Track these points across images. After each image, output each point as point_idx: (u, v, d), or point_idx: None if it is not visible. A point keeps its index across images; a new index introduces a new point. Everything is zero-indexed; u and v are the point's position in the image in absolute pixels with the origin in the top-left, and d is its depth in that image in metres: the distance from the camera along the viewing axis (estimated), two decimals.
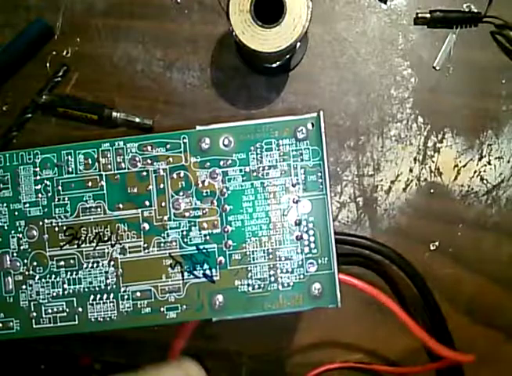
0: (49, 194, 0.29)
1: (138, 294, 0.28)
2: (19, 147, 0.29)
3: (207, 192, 0.28)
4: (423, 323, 0.35)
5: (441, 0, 0.36)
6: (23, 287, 0.29)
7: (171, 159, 0.29)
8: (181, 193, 0.29)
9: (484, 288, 0.36)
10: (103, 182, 0.29)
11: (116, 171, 0.29)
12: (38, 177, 0.29)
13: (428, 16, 0.35)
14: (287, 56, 0.33)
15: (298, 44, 0.31)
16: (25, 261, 0.29)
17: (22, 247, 0.29)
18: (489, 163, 0.36)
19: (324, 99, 0.36)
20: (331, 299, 0.28)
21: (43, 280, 0.29)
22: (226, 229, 0.28)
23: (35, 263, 0.29)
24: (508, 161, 0.36)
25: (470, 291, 0.36)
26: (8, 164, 0.29)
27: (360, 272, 0.35)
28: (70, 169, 0.29)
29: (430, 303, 0.34)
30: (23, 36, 0.36)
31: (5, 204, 0.29)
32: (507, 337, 0.36)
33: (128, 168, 0.29)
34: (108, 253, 0.28)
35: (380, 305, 0.36)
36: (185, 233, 0.28)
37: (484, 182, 0.36)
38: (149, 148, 0.29)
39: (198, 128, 0.29)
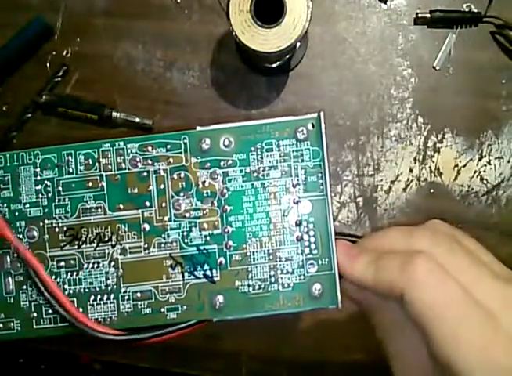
0: (50, 195, 0.29)
1: (139, 294, 0.28)
2: (19, 147, 0.29)
3: (207, 192, 0.28)
4: None
5: (441, 0, 0.36)
6: (24, 287, 0.29)
7: (171, 159, 0.28)
8: (181, 194, 0.28)
9: None
10: (104, 183, 0.29)
11: (116, 172, 0.29)
12: (39, 177, 0.29)
13: (428, 16, 0.35)
14: (287, 56, 0.33)
15: (298, 44, 0.31)
16: None
17: None
18: (489, 163, 0.36)
19: (324, 99, 0.36)
20: (331, 300, 0.27)
21: None
22: (227, 230, 0.28)
23: None
24: (508, 161, 0.36)
25: None
26: (8, 164, 0.29)
27: None
28: (71, 170, 0.29)
29: None
30: (22, 35, 0.36)
31: (5, 205, 0.29)
32: None
33: (129, 169, 0.29)
34: (108, 253, 0.28)
35: None
36: (185, 233, 0.28)
37: (484, 182, 0.36)
38: (150, 148, 0.29)
39: (199, 128, 0.29)
